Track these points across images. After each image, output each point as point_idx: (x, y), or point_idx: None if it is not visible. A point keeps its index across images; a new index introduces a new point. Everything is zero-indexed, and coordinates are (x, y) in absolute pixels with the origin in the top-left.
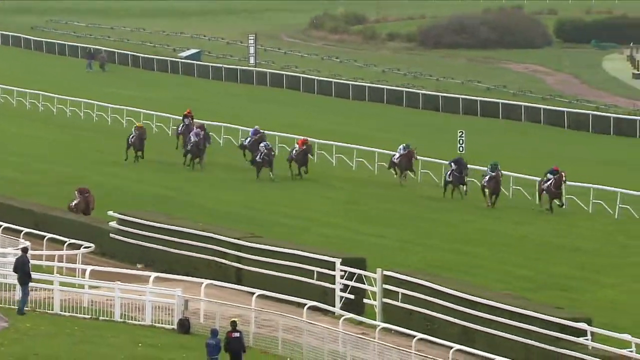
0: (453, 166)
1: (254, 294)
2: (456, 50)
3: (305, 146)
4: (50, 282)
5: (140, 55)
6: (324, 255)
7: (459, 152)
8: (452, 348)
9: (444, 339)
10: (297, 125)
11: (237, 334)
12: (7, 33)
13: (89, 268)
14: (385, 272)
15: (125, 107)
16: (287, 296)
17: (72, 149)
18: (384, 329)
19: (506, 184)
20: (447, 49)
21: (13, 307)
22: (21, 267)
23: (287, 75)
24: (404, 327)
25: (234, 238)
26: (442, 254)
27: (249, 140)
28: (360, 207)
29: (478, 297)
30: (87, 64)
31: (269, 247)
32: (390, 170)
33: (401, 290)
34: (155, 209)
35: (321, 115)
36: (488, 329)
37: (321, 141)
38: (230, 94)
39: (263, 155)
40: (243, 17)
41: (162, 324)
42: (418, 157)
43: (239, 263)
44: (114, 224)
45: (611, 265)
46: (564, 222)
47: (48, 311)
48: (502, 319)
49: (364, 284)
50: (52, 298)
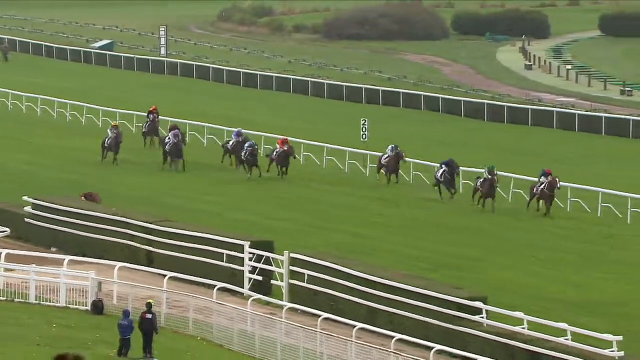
0: (444, 167)
1: (165, 276)
2: (359, 41)
3: (286, 147)
4: None
5: (54, 45)
6: (233, 238)
7: (362, 139)
8: (355, 327)
9: (348, 318)
10: (206, 114)
11: (149, 315)
12: None
13: (4, 252)
14: (292, 255)
15: (39, 96)
16: (198, 278)
17: None
18: (290, 308)
19: (407, 170)
20: (350, 40)
21: None
22: None
23: (197, 66)
24: (310, 307)
25: (145, 222)
26: (345, 237)
27: (232, 142)
28: (269, 192)
29: (380, 277)
30: None
31: (179, 230)
32: (381, 171)
33: (307, 272)
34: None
35: (230, 104)
36: (389, 308)
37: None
38: (142, 84)
39: (247, 155)
40: (153, 8)
41: (76, 305)
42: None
43: (151, 246)
44: (28, 208)
45: (505, 246)
46: (460, 206)
47: None
48: (403, 298)
49: (272, 266)
50: None
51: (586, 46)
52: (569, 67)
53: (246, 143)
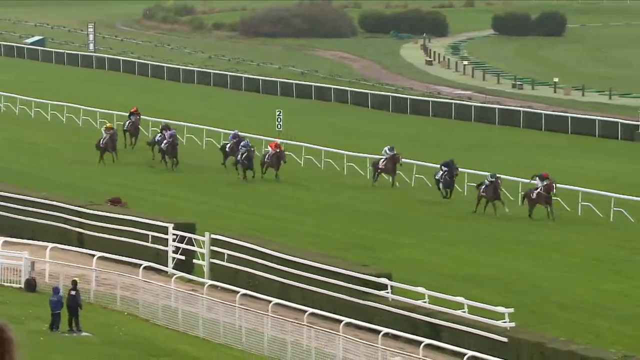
0: (444, 169)
1: (94, 256)
2: (273, 38)
3: (278, 150)
4: None
5: None
6: (158, 220)
7: (277, 129)
8: (271, 302)
9: (264, 294)
10: (131, 105)
11: (74, 292)
12: None
13: None
14: (213, 236)
15: None
16: (125, 257)
17: None
18: (211, 285)
19: (318, 157)
20: (265, 37)
21: None
22: None
23: (123, 60)
24: (230, 284)
25: (76, 206)
26: (262, 219)
27: (229, 145)
28: (188, 177)
29: (294, 256)
30: None
31: (108, 214)
32: (380, 175)
33: (226, 252)
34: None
35: (155, 96)
36: (302, 285)
37: (154, 119)
38: (71, 77)
39: (243, 158)
40: (82, 7)
41: (10, 283)
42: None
43: (81, 228)
44: None
45: (409, 228)
46: (369, 192)
47: None
48: (315, 275)
49: (194, 246)
50: None
51: (481, 44)
52: (465, 63)
53: (241, 143)
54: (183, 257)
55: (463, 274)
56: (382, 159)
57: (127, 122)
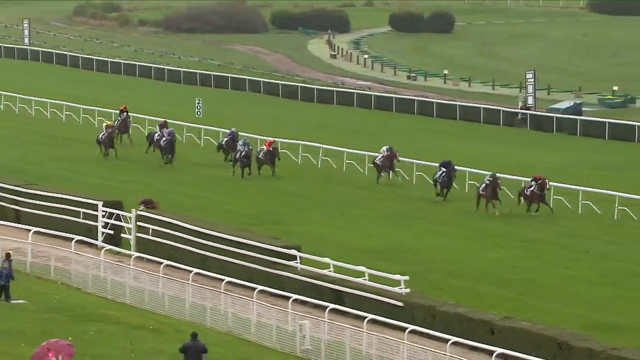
0: (442, 169)
1: (30, 230)
2: (194, 34)
3: (272, 147)
4: None
5: None
6: (88, 199)
7: (197, 115)
8: (191, 272)
9: (185, 265)
10: (61, 94)
11: (6, 264)
12: None
13: None
14: (139, 212)
15: None
16: (58, 232)
17: None
18: (137, 257)
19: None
20: (186, 33)
21: None
22: None
23: (56, 53)
24: (154, 256)
25: (13, 185)
26: (183, 197)
27: (225, 140)
28: (116, 160)
29: (212, 230)
30: None
31: (43, 192)
32: (381, 173)
33: (151, 227)
34: None
35: (85, 86)
36: (220, 256)
37: (85, 107)
38: (8, 69)
39: (242, 156)
40: (18, 5)
41: None
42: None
43: (18, 206)
44: None
45: (319, 206)
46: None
47: None
48: (231, 247)
49: (121, 221)
50: None
51: (379, 40)
52: (366, 56)
53: (239, 142)
54: (111, 232)
55: (365, 247)
56: (380, 156)
57: (117, 121)
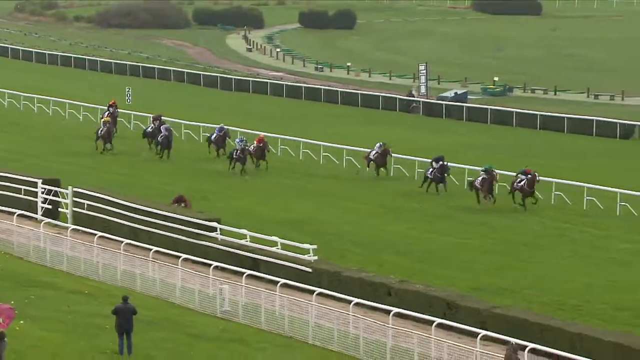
0: (435, 165)
1: None
2: (124, 29)
3: (262, 143)
4: None
5: None
6: (29, 177)
7: (127, 102)
8: (123, 242)
9: (118, 236)
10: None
11: None
12: None
13: None
14: (75, 189)
15: None
16: (1, 207)
17: None
18: (74, 229)
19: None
20: (117, 28)
21: None
22: None
23: None
24: (89, 228)
25: None
26: (117, 177)
27: (215, 135)
28: (56, 143)
29: (142, 205)
30: None
31: None
32: (367, 167)
33: (86, 202)
34: None
35: (25, 76)
36: (148, 228)
37: (25, 94)
38: None
39: (239, 153)
40: None
41: None
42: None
43: None
44: None
45: (237, 185)
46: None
47: None
48: (159, 220)
49: (59, 197)
50: None
51: (290, 35)
52: (278, 50)
53: (237, 139)
54: (50, 207)
55: (279, 220)
56: (374, 152)
57: (105, 114)
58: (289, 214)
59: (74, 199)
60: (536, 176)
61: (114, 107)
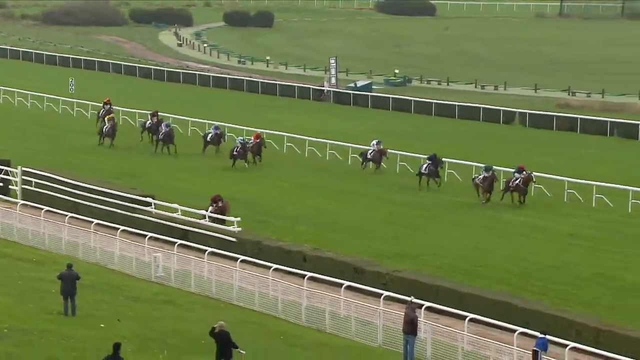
0: (428, 161)
1: None
2: (67, 26)
3: (259, 139)
4: None
5: None
6: None
7: (70, 92)
8: (67, 215)
9: (62, 210)
10: None
11: None
12: None
13: None
14: (24, 169)
15: None
16: None
17: None
18: (22, 204)
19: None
20: (61, 25)
21: None
22: None
23: None
24: (36, 203)
25: None
26: (62, 157)
27: (211, 135)
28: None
29: (83, 182)
30: None
31: None
32: (364, 164)
33: (34, 180)
34: None
35: None
36: (90, 203)
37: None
38: None
39: (239, 149)
40: None
41: None
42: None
43: None
44: None
45: (172, 164)
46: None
47: None
48: (98, 196)
49: (9, 175)
50: None
51: (216, 32)
52: (205, 45)
53: (237, 139)
54: (1, 184)
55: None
56: (370, 150)
57: (101, 111)
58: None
59: (23, 177)
60: (532, 177)
61: (109, 105)
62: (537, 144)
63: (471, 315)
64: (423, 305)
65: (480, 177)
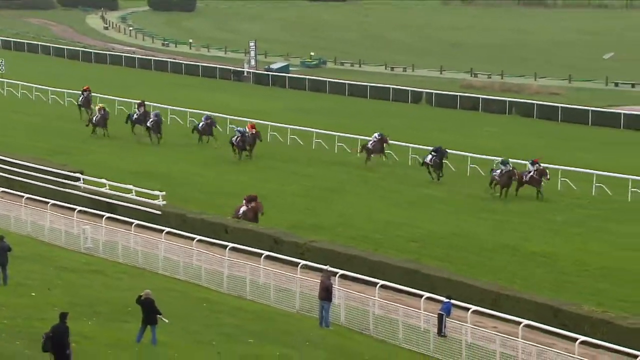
0: (434, 153)
1: None
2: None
3: (255, 130)
4: None
5: None
6: None
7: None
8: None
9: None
10: None
11: None
12: None
13: None
14: None
15: None
16: None
17: None
18: None
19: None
20: None
21: None
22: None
23: None
24: None
25: None
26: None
27: (201, 124)
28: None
29: (15, 159)
30: None
31: None
32: (364, 155)
33: None
34: None
35: None
36: (21, 178)
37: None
38: None
39: (238, 141)
40: None
41: None
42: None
43: None
44: None
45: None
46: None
47: None
48: (30, 172)
49: None
50: None
51: (141, 16)
52: (131, 28)
53: (236, 129)
54: None
55: (135, 171)
56: (371, 141)
57: (80, 98)
58: (142, 167)
59: None
60: (546, 170)
61: (88, 92)
62: (443, 122)
63: (381, 282)
64: (337, 273)
65: (498, 172)
